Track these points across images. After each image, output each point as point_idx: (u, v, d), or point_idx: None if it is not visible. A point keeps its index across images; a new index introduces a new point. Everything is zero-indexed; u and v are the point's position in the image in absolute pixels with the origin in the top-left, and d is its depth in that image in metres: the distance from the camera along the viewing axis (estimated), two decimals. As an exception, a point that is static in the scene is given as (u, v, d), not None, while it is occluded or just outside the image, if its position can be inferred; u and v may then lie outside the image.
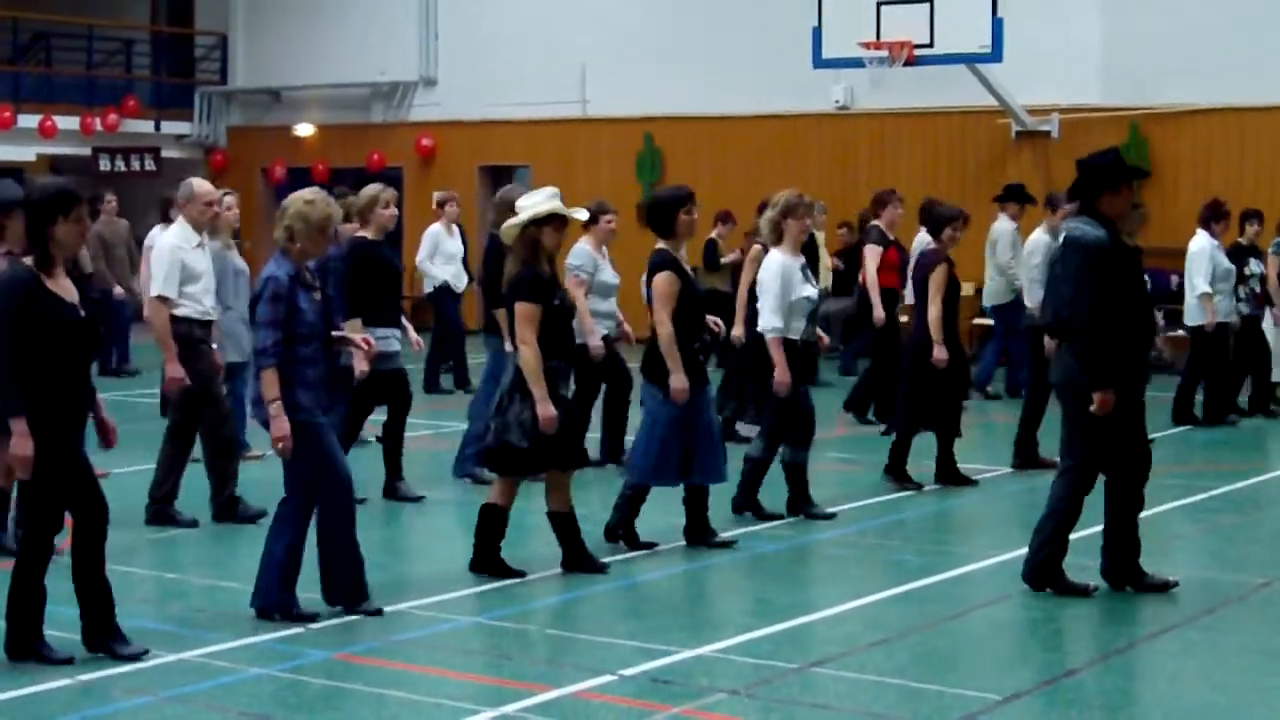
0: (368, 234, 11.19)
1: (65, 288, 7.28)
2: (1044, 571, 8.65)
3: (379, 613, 8.11)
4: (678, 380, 9.43)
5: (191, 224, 10.59)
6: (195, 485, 10.64)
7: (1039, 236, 13.26)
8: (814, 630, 8.03)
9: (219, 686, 6.97)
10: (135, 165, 26.66)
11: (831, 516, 10.73)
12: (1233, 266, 15.31)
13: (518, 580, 8.90)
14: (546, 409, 8.69)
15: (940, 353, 11.65)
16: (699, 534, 9.85)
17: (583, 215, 9.69)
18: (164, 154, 27.37)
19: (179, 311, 10.32)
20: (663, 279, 9.51)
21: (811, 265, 11.24)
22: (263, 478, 10.93)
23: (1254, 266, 15.70)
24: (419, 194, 24.78)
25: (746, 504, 10.67)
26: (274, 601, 8.02)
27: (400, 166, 26.12)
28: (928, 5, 20.08)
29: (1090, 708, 6.80)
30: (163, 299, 10.26)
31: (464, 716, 6.56)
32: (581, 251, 12.06)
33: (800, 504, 10.72)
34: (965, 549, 9.99)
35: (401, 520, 10.90)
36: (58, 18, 28.25)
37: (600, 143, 24.77)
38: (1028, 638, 8.09)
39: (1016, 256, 16.99)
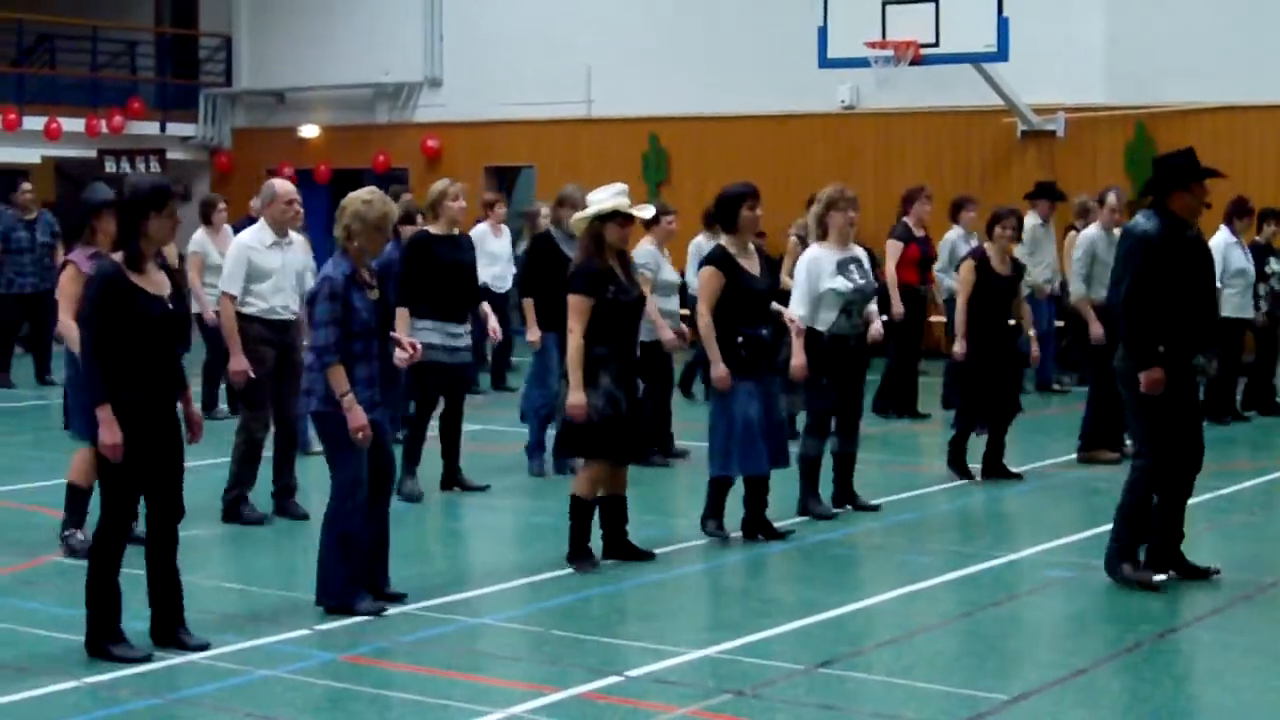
0: (432, 228, 11.48)
1: (156, 281, 7.36)
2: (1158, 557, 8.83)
3: (389, 601, 8.17)
4: (716, 369, 9.63)
5: (273, 224, 10.63)
6: (205, 485, 10.61)
7: (1089, 231, 13.46)
8: (820, 630, 8.01)
9: (225, 688, 6.97)
10: (140, 167, 26.64)
11: (835, 516, 10.72)
12: (1248, 265, 15.30)
13: (525, 580, 8.95)
14: (576, 396, 8.96)
15: (959, 346, 12.00)
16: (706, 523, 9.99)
17: (648, 213, 9.96)
18: (169, 156, 27.37)
19: (245, 310, 10.43)
20: (704, 273, 9.78)
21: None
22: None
23: (1275, 265, 15.74)
24: (424, 195, 24.67)
25: (836, 499, 10.90)
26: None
27: (405, 167, 26.09)
28: (933, 5, 20.07)
29: (1098, 708, 6.78)
30: (230, 296, 10.44)
31: (470, 718, 6.55)
32: (646, 251, 12.39)
33: (807, 502, 10.71)
34: (971, 549, 9.97)
35: (407, 521, 10.86)
36: (62, 19, 28.26)
37: (605, 143, 24.75)
38: (1035, 637, 8.08)
39: (1037, 254, 17.06)
